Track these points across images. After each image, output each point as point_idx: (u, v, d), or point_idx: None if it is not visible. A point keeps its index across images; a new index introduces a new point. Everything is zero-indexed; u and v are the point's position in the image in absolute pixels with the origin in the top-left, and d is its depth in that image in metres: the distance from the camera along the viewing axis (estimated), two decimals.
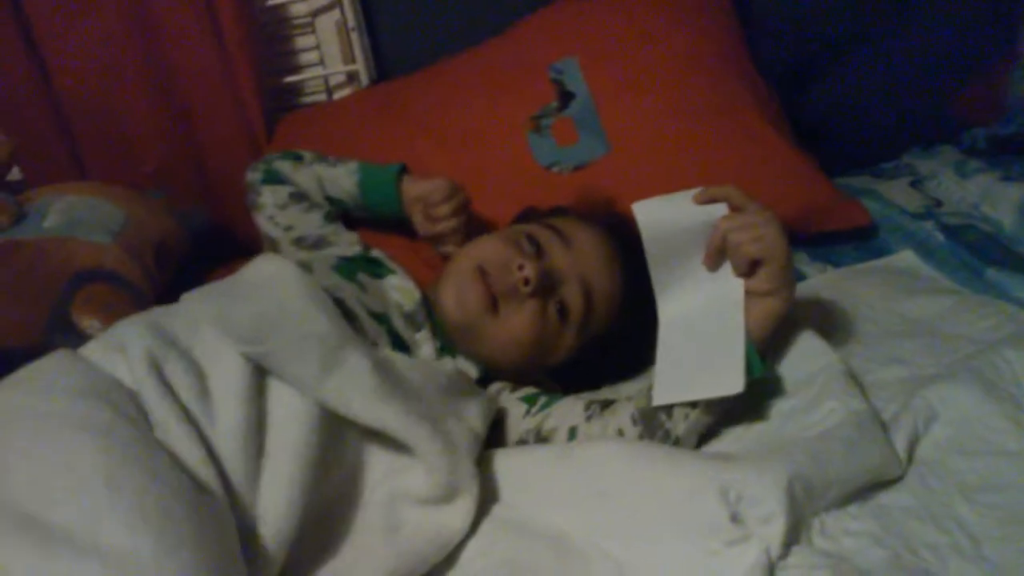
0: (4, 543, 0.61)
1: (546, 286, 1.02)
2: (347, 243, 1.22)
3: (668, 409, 0.91)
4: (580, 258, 1.06)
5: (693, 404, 0.90)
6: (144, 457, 0.70)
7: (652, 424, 0.92)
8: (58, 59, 1.54)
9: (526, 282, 1.00)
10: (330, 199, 1.28)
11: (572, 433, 0.97)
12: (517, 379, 1.08)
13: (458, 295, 1.03)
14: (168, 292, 1.27)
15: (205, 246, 1.51)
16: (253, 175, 1.29)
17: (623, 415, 0.95)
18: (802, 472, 0.81)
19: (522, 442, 1.00)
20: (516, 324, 1.02)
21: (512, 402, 1.03)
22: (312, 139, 1.54)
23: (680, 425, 0.91)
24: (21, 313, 1.14)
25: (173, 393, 0.77)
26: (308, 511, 0.78)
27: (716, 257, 0.95)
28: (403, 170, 1.26)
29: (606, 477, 0.86)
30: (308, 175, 1.27)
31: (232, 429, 0.77)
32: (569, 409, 1.00)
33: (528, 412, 1.01)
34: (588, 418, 0.98)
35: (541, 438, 0.99)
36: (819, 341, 1.02)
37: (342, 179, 1.26)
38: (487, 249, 1.06)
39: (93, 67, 1.55)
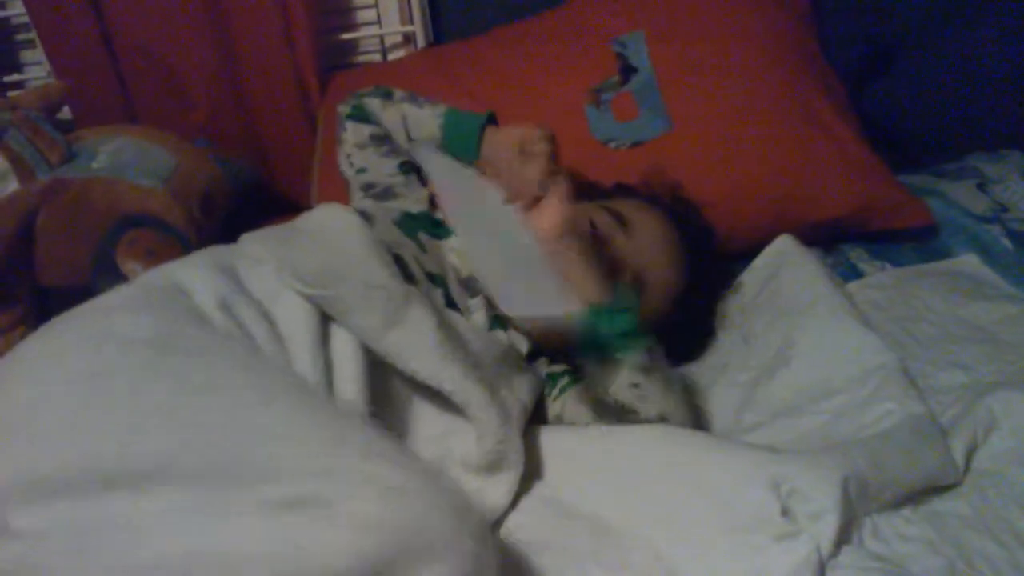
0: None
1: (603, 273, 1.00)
2: (415, 199, 1.16)
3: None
4: (639, 247, 1.04)
5: (635, 384, 0.88)
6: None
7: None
8: (116, 3, 1.53)
9: None
10: (412, 141, 1.21)
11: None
12: (566, 359, 1.05)
13: None
14: (212, 242, 1.26)
15: (251, 199, 1.50)
16: (342, 108, 1.23)
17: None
18: (858, 471, 0.78)
19: (554, 420, 0.99)
20: None
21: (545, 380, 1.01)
22: None
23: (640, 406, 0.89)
24: (66, 252, 1.14)
25: (251, 336, 0.77)
26: None
27: None
28: (491, 119, 1.19)
29: (650, 462, 0.84)
30: (394, 113, 1.20)
31: (308, 374, 0.76)
32: (577, 407, 0.97)
33: (551, 395, 1.00)
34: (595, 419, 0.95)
35: (565, 424, 0.97)
36: (875, 337, 1.00)
37: (427, 119, 1.19)
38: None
39: (149, 13, 1.54)
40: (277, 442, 0.61)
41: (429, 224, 1.08)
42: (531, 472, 0.86)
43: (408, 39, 1.65)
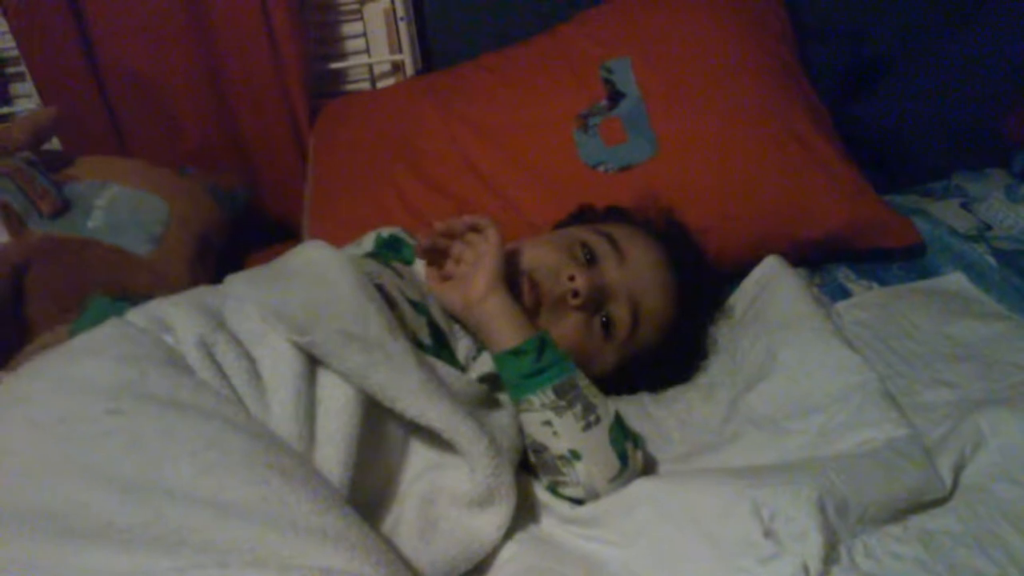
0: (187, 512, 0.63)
1: (595, 300, 1.00)
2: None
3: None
4: (633, 274, 1.03)
5: (546, 421, 0.87)
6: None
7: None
8: (104, 34, 1.54)
9: (575, 294, 0.98)
10: None
11: None
12: None
13: None
14: (208, 279, 1.26)
15: (244, 230, 1.50)
16: None
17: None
18: (835, 489, 0.80)
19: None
20: (557, 332, 0.97)
21: None
22: (354, 127, 1.54)
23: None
24: (59, 316, 1.12)
25: (225, 376, 0.76)
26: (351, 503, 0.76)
27: None
28: None
29: (636, 498, 0.85)
30: None
31: (286, 416, 0.75)
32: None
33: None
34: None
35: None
36: (856, 356, 1.01)
37: None
38: (539, 254, 1.02)
39: (138, 42, 1.54)
40: (216, 515, 0.62)
41: (396, 248, 1.10)
42: (521, 505, 0.85)
43: (397, 67, 1.67)
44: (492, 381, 0.93)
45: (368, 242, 1.20)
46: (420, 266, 1.05)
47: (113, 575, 0.59)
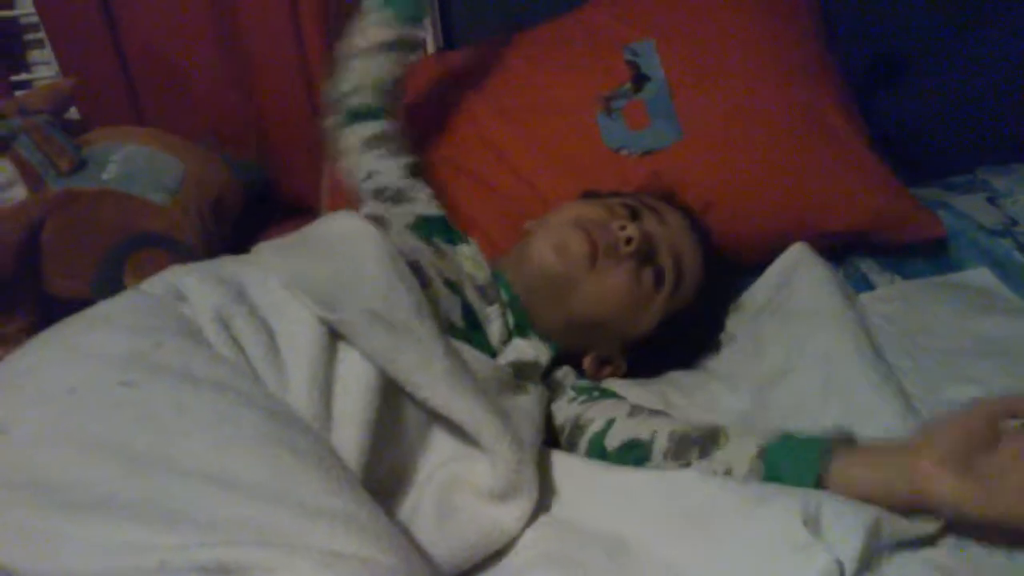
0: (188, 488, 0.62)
1: (644, 250, 1.02)
2: (425, 200, 1.18)
3: (703, 448, 0.85)
4: (672, 231, 1.07)
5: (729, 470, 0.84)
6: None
7: (680, 451, 0.86)
8: (126, 5, 1.53)
9: (628, 241, 1.00)
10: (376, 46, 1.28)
11: (609, 424, 0.92)
12: (591, 349, 1.07)
13: (559, 243, 1.01)
14: (223, 248, 1.25)
15: (259, 203, 1.49)
16: (334, 120, 1.27)
17: (664, 426, 0.89)
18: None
19: (560, 429, 0.97)
20: (611, 281, 1.00)
21: (567, 388, 1.01)
22: None
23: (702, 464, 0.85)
24: (72, 264, 1.12)
25: (242, 350, 0.75)
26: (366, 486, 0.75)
27: None
28: None
29: (664, 487, 0.82)
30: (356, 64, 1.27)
31: (302, 393, 0.73)
32: (613, 406, 0.95)
33: (575, 399, 0.98)
34: (630, 414, 0.93)
35: (577, 427, 0.95)
36: (880, 357, 1.00)
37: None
38: (584, 211, 1.06)
39: (160, 15, 1.54)
40: (224, 493, 0.61)
41: (443, 228, 1.08)
42: (547, 493, 0.84)
43: None
44: (520, 367, 0.92)
45: None
46: (463, 248, 1.06)
47: (113, 548, 0.58)
